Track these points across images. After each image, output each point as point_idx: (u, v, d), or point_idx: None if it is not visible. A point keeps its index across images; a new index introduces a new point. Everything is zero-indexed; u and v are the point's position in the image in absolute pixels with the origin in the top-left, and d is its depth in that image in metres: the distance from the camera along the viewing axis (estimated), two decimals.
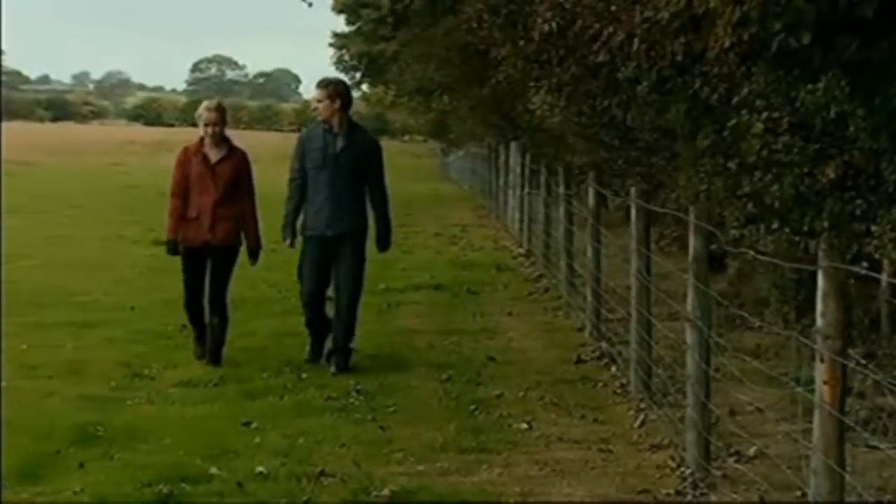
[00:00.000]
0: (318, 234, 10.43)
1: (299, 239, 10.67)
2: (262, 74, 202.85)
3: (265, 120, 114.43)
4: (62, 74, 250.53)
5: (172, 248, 10.51)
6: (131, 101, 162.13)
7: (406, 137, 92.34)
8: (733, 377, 8.64)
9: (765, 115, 8.75)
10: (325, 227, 10.38)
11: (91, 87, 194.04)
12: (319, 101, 10.50)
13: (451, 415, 9.04)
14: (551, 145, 23.31)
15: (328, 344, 10.60)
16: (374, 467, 7.59)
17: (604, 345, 11.37)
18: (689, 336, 7.62)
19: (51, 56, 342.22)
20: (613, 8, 9.66)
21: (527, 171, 20.97)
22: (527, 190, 20.34)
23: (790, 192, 9.16)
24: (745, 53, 8.52)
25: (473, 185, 40.57)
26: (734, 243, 12.76)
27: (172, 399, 9.33)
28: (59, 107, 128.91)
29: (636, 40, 9.89)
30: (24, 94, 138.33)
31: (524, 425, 8.73)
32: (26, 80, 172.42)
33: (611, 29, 9.71)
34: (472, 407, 9.21)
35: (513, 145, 24.33)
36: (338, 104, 10.42)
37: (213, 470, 7.38)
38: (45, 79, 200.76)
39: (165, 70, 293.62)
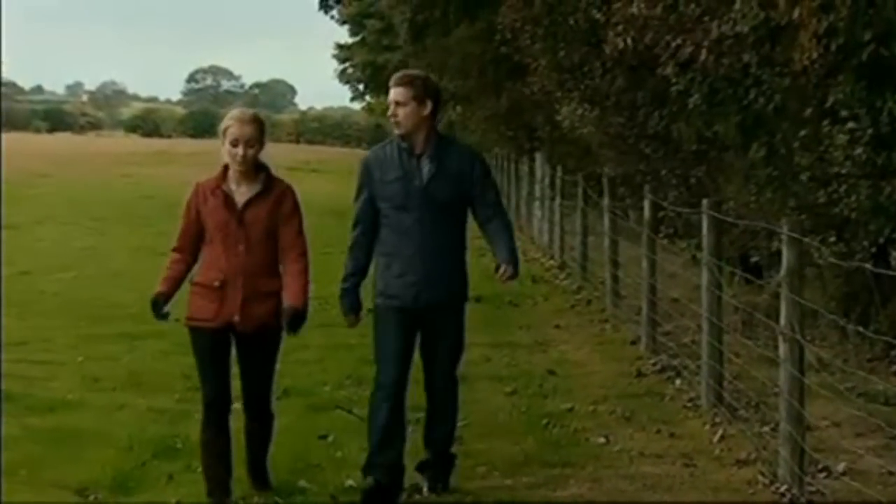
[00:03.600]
0: (404, 304, 7.09)
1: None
2: (257, 85, 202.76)
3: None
4: (56, 85, 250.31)
5: (157, 306, 6.86)
6: (126, 111, 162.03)
7: None
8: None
9: (849, 125, 8.67)
10: (414, 295, 7.06)
11: (85, 97, 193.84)
12: (400, 103, 7.05)
13: (525, 428, 8.97)
14: (574, 156, 23.32)
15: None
16: (461, 481, 7.53)
17: (664, 357, 11.30)
18: (782, 349, 7.54)
19: (44, 66, 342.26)
20: (685, 21, 9.57)
21: (558, 181, 20.86)
22: (559, 201, 20.27)
23: (867, 203, 9.09)
24: (829, 64, 8.45)
25: None
26: (773, 257, 12.79)
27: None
28: (55, 118, 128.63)
29: (704, 51, 9.79)
30: (21, 104, 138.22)
31: (601, 439, 8.66)
32: (21, 90, 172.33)
33: (679, 41, 9.62)
34: (545, 421, 9.15)
35: (538, 156, 24.27)
36: (428, 108, 7.07)
37: (303, 483, 7.37)
38: (38, 89, 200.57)
39: (159, 80, 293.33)
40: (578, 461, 8.10)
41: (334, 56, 67.77)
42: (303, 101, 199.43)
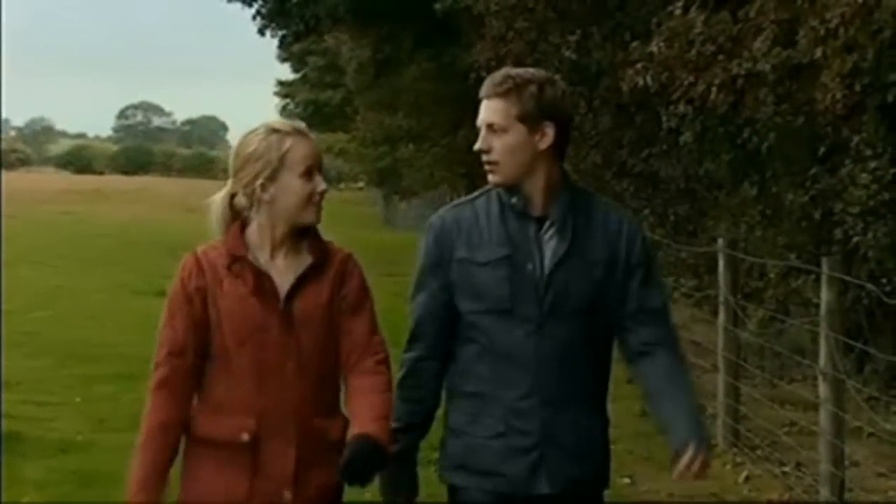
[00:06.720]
0: (507, 489, 3.79)
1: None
2: (188, 122, 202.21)
3: (199, 167, 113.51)
4: None
5: None
6: (54, 148, 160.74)
7: (342, 185, 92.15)
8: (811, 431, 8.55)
9: (872, 164, 8.71)
10: (525, 472, 3.76)
11: (13, 133, 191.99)
12: (496, 127, 3.68)
13: None
14: None
15: None
16: None
17: None
18: (823, 389, 7.53)
19: None
20: (700, 60, 9.56)
21: None
22: None
23: (885, 242, 9.12)
24: (852, 104, 8.48)
25: None
26: (759, 293, 12.81)
27: None
28: None
29: (714, 90, 9.78)
30: None
31: (626, 480, 8.59)
32: None
33: (692, 79, 9.62)
34: None
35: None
36: (549, 138, 3.67)
37: None
38: None
39: (88, 116, 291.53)
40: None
41: (276, 93, 67.56)
42: (234, 139, 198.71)
